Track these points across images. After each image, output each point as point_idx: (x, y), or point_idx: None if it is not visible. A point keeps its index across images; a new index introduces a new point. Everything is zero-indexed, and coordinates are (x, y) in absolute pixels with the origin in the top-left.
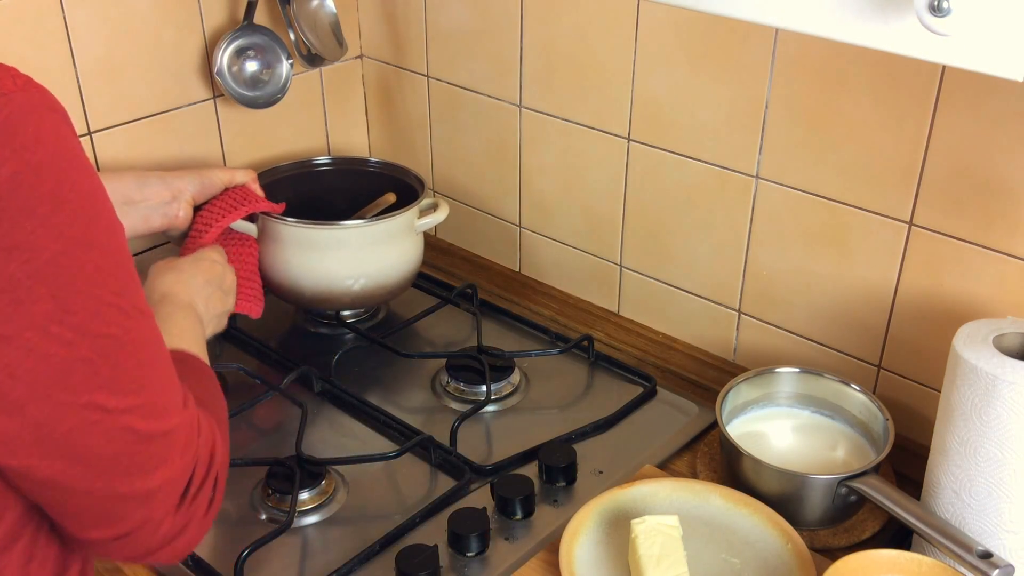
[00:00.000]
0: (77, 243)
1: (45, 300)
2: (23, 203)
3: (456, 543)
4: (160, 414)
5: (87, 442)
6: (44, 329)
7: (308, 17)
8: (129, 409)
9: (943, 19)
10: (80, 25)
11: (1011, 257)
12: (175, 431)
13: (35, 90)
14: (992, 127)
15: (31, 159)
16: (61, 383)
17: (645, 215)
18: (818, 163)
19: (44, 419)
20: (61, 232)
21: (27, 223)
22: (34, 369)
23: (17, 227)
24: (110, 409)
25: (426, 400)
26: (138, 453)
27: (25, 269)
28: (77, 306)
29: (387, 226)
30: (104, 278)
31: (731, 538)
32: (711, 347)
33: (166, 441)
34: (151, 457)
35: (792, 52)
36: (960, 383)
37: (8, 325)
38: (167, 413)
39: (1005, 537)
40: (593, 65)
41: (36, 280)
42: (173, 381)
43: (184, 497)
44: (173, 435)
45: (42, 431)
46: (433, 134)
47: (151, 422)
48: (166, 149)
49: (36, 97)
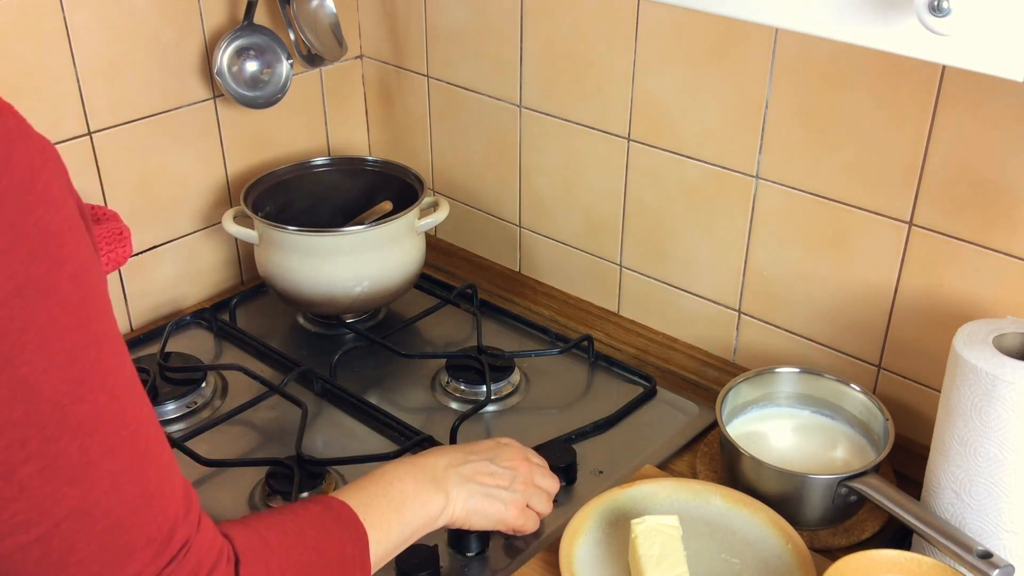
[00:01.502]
0: (32, 287)
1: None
2: None
3: (456, 543)
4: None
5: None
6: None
7: (308, 17)
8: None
9: (943, 19)
10: (80, 25)
11: (1011, 257)
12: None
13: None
14: (992, 127)
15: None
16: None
17: (645, 215)
18: (818, 163)
19: None
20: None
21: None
22: None
23: None
24: (32, 491)
25: (426, 400)
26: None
27: None
28: (21, 360)
29: (388, 229)
30: (59, 334)
31: (731, 538)
32: (711, 347)
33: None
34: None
35: (792, 52)
36: (960, 383)
37: None
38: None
39: (1005, 537)
40: (593, 65)
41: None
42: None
43: None
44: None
45: None
46: (433, 134)
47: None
48: (166, 149)
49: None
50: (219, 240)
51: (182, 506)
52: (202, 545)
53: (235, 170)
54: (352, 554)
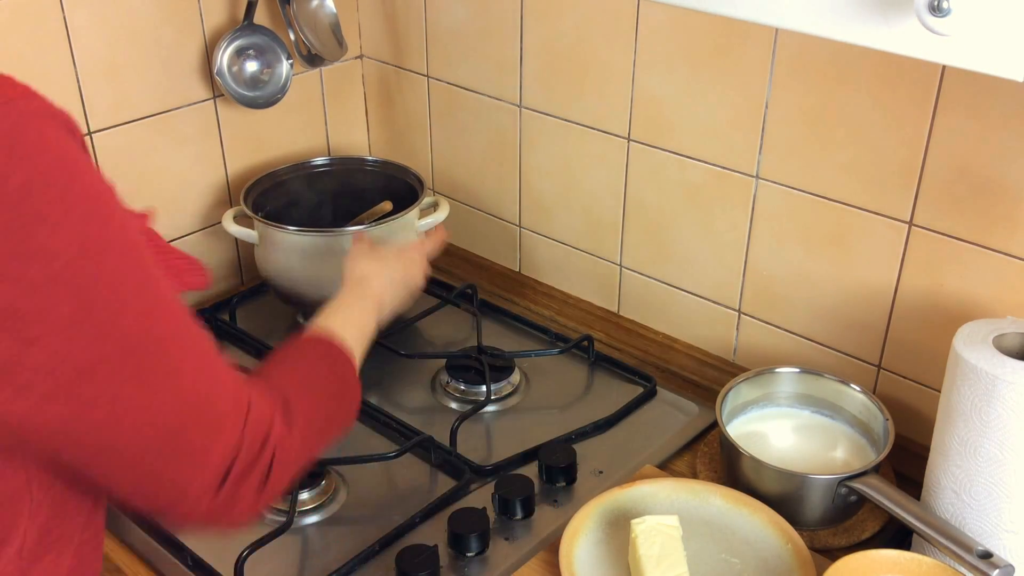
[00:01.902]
0: (93, 244)
1: (67, 302)
2: (36, 210)
3: (456, 543)
4: (195, 404)
5: (114, 433)
6: (66, 331)
7: (308, 17)
8: (157, 401)
9: (943, 19)
10: (80, 25)
11: (1011, 257)
12: (213, 420)
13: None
14: (992, 127)
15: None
16: (86, 379)
17: (645, 215)
18: (818, 163)
19: (70, 414)
20: (75, 235)
21: (41, 230)
22: (56, 370)
23: (32, 235)
24: (137, 403)
25: (426, 400)
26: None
27: (45, 273)
28: (98, 306)
29: (389, 229)
30: (123, 277)
31: (731, 538)
32: (711, 347)
33: (201, 431)
34: (183, 446)
35: (792, 52)
36: (960, 383)
37: (33, 328)
38: (204, 402)
39: (1005, 537)
40: (593, 65)
41: (57, 284)
42: (211, 371)
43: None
44: (210, 424)
45: (67, 424)
46: (433, 134)
47: (183, 413)
48: (166, 149)
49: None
50: (219, 240)
51: (237, 377)
52: (260, 402)
53: (235, 170)
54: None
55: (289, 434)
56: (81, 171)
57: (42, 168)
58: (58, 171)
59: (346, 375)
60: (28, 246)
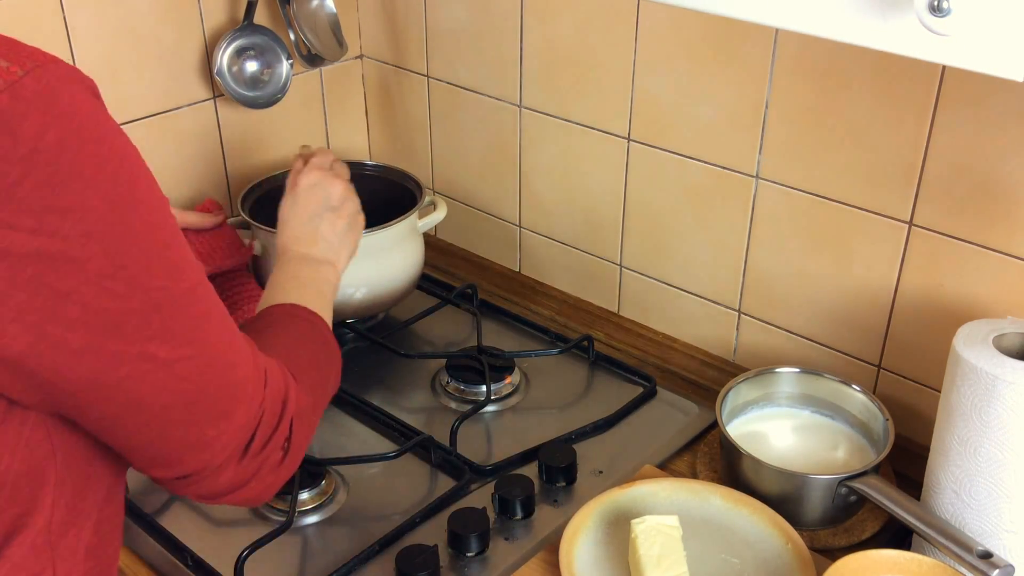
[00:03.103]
0: (123, 201)
1: (98, 257)
2: (70, 166)
3: (456, 543)
4: (218, 366)
5: (140, 390)
6: (98, 284)
7: (308, 17)
8: (182, 359)
9: (943, 19)
10: (80, 25)
11: (1011, 257)
12: (236, 384)
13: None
14: (992, 127)
15: (72, 124)
16: (115, 334)
17: (645, 215)
18: (818, 163)
19: (100, 367)
20: (107, 191)
21: (75, 184)
22: (89, 322)
23: (67, 189)
24: (162, 359)
25: (426, 400)
26: (192, 404)
27: (78, 228)
28: (128, 260)
29: (387, 234)
30: (152, 233)
31: (731, 538)
32: (711, 347)
33: (224, 394)
34: (206, 409)
35: (792, 52)
36: (960, 383)
37: (65, 282)
38: (227, 366)
39: (1005, 537)
40: (593, 65)
41: (89, 238)
42: (231, 335)
43: (248, 448)
44: (233, 388)
45: (97, 378)
46: (433, 134)
47: (207, 374)
48: (166, 149)
49: (65, 68)
50: None
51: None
52: (273, 370)
53: (235, 170)
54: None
55: (302, 400)
56: (111, 132)
57: (75, 127)
58: (90, 130)
59: (328, 340)
60: (64, 201)
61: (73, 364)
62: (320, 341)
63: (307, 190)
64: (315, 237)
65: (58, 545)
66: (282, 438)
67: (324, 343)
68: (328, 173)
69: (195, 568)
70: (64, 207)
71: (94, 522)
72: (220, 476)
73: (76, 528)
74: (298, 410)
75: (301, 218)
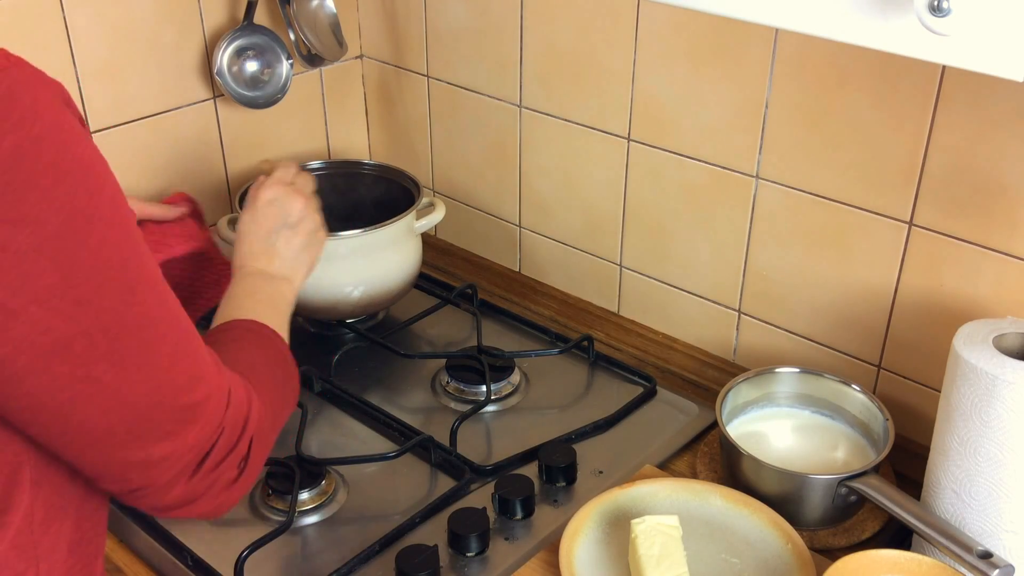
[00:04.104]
0: (80, 215)
1: (50, 273)
2: (26, 176)
3: (456, 543)
4: (168, 389)
5: (83, 412)
6: (48, 302)
7: (308, 17)
8: (130, 383)
9: (943, 19)
10: (80, 25)
11: (1011, 257)
12: (190, 406)
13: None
14: (992, 127)
15: (31, 132)
16: (60, 356)
17: (645, 215)
18: (818, 163)
19: (43, 389)
20: (64, 204)
21: (30, 195)
22: (35, 342)
23: (21, 200)
24: (108, 383)
25: (426, 400)
26: (137, 425)
27: (31, 241)
28: (81, 278)
29: (385, 233)
30: (108, 251)
31: (731, 538)
32: (711, 347)
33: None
34: (152, 430)
35: (792, 52)
36: (960, 383)
37: (15, 299)
38: (179, 389)
39: (1005, 537)
40: (593, 65)
41: (41, 253)
42: (194, 355)
43: (201, 465)
44: (185, 410)
45: (40, 399)
46: (433, 134)
47: (155, 397)
48: (166, 149)
49: (30, 72)
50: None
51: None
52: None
53: (235, 170)
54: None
55: (263, 419)
56: (74, 141)
57: (34, 135)
58: (51, 139)
59: (287, 358)
60: (16, 212)
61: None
62: (280, 359)
63: (266, 205)
64: (272, 253)
65: (40, 543)
66: (239, 457)
67: (284, 361)
68: (288, 188)
69: (195, 568)
70: (16, 219)
71: (74, 519)
72: (169, 492)
73: (57, 524)
74: (258, 429)
75: (258, 234)
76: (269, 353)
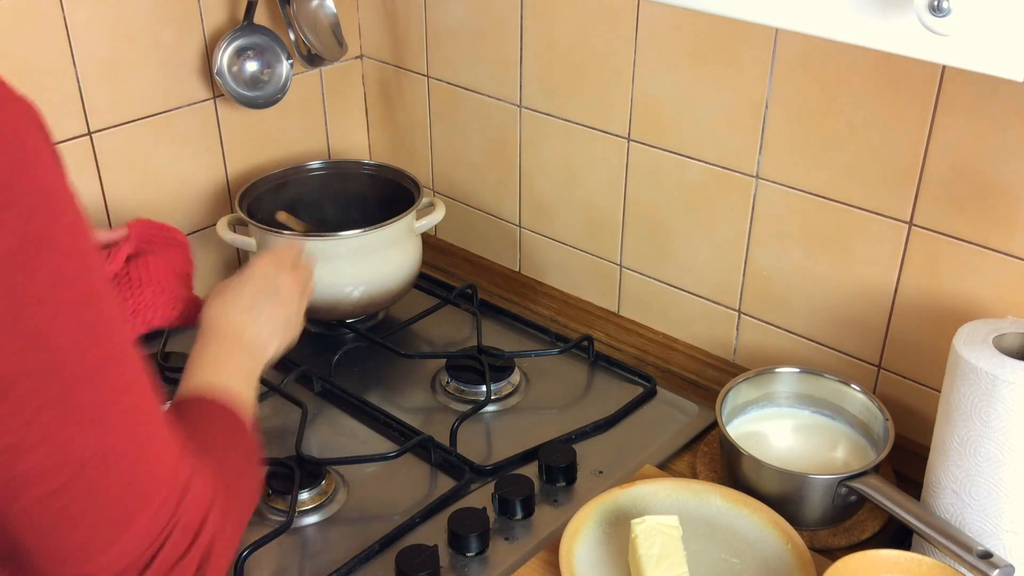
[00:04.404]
0: (33, 242)
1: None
2: None
3: (456, 543)
4: (119, 455)
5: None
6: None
7: (308, 17)
8: (76, 440)
9: (943, 19)
10: (80, 25)
11: (1011, 257)
12: (143, 484)
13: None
14: (992, 127)
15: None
16: (2, 398)
17: (645, 215)
18: (818, 163)
19: None
20: (14, 229)
21: None
22: None
23: None
24: (51, 435)
25: (426, 400)
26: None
27: None
28: (29, 312)
29: (385, 233)
30: (64, 284)
31: (731, 538)
32: (711, 347)
33: (122, 490)
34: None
35: (792, 52)
36: (960, 383)
37: None
38: (132, 458)
39: (1005, 537)
40: (593, 65)
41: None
42: (149, 423)
43: (149, 567)
44: (137, 486)
45: None
46: (433, 134)
47: (103, 462)
48: (166, 149)
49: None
50: (219, 241)
51: (179, 445)
52: (200, 481)
53: (235, 170)
54: (256, 445)
55: (225, 526)
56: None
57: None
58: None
59: (256, 449)
60: None
61: None
62: (249, 451)
63: (259, 275)
64: (253, 314)
65: None
66: (194, 562)
67: (253, 452)
68: (284, 268)
69: None
70: None
71: None
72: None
73: None
74: (219, 536)
75: (245, 289)
76: (241, 444)
